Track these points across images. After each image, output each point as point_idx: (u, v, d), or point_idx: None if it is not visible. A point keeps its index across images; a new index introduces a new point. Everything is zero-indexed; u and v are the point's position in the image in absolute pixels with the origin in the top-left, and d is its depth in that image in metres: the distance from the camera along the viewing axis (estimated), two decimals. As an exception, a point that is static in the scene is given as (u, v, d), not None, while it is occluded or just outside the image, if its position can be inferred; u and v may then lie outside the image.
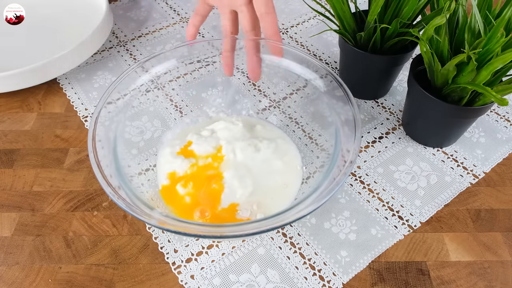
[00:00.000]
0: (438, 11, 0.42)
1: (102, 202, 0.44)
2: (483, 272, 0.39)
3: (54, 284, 0.38)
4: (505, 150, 0.49)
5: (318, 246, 0.41)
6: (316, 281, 0.38)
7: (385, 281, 0.38)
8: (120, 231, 0.42)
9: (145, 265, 0.39)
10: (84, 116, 0.54)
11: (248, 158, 0.42)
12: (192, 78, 0.50)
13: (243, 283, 0.38)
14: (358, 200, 0.44)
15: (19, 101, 0.56)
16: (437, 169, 0.47)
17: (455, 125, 0.46)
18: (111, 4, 0.73)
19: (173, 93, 0.50)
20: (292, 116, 0.49)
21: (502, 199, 0.44)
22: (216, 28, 0.68)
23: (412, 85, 0.45)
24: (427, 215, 0.43)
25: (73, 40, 0.61)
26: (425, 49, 0.40)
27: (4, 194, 0.45)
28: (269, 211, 0.40)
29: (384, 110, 0.54)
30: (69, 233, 0.42)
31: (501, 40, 0.35)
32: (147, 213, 0.32)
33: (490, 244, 0.41)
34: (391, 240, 0.41)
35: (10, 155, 0.49)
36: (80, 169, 0.48)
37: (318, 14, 0.50)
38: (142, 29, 0.68)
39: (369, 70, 0.51)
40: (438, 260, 0.40)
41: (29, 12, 0.63)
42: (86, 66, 0.61)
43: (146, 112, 0.47)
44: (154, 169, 0.44)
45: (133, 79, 0.43)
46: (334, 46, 0.64)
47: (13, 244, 0.41)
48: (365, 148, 0.49)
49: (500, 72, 0.39)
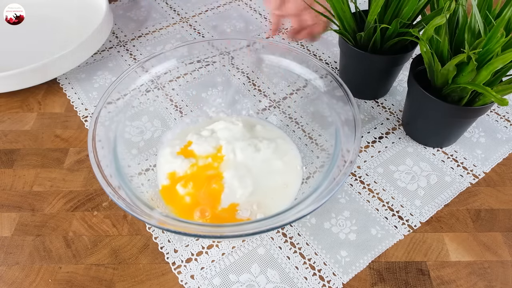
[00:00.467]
0: (438, 11, 0.42)
1: (102, 202, 0.44)
2: (483, 272, 0.39)
3: (54, 284, 0.38)
4: (505, 150, 0.49)
5: (318, 246, 0.41)
6: (316, 281, 0.38)
7: (385, 281, 0.38)
8: (120, 231, 0.42)
9: (145, 265, 0.39)
10: (84, 116, 0.54)
11: (248, 158, 0.42)
12: (192, 78, 0.50)
13: (243, 283, 0.38)
14: (358, 200, 0.44)
15: (19, 101, 0.56)
16: (437, 169, 0.47)
17: (455, 125, 0.46)
18: (111, 4, 0.73)
19: (173, 93, 0.50)
20: (292, 116, 0.49)
21: (502, 199, 0.44)
22: (216, 28, 0.68)
23: (412, 85, 0.45)
24: (427, 215, 0.43)
25: (73, 40, 0.62)
26: (425, 49, 0.40)
27: (4, 194, 0.45)
28: (269, 211, 0.40)
29: (384, 110, 0.54)
30: (69, 233, 0.42)
31: (501, 40, 0.35)
32: (147, 213, 0.32)
33: (490, 244, 0.41)
34: (391, 240, 0.41)
35: (10, 155, 0.49)
36: (80, 169, 0.48)
37: (318, 14, 0.50)
38: (142, 29, 0.68)
39: (369, 70, 0.51)
40: (438, 260, 0.40)
41: (29, 12, 0.63)
42: (86, 66, 0.61)
43: (146, 112, 0.47)
44: (154, 169, 0.44)
45: (133, 79, 0.43)
46: (334, 46, 0.64)
47: (13, 244, 0.41)
48: (365, 148, 0.49)
49: (500, 72, 0.39)
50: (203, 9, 0.72)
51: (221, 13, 0.71)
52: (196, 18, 0.70)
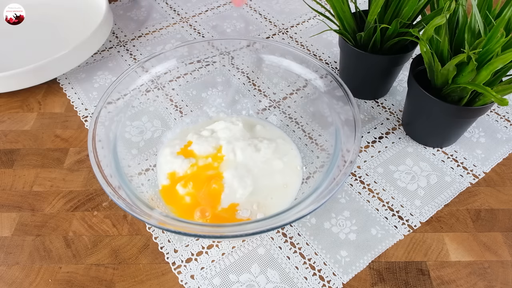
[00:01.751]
0: (438, 11, 0.42)
1: (102, 202, 0.44)
2: (483, 272, 0.39)
3: (54, 284, 0.38)
4: (505, 150, 0.49)
5: (318, 246, 0.41)
6: (316, 281, 0.38)
7: (385, 281, 0.38)
8: (120, 231, 0.42)
9: (145, 265, 0.39)
10: (84, 116, 0.54)
11: (248, 158, 0.42)
12: (192, 78, 0.50)
13: (243, 283, 0.38)
14: (358, 200, 0.44)
15: (19, 101, 0.56)
16: (437, 169, 0.47)
17: (455, 125, 0.46)
18: (111, 4, 0.73)
19: (173, 93, 0.50)
20: (292, 116, 0.49)
21: (502, 199, 0.44)
22: (216, 28, 0.68)
23: (412, 85, 0.45)
24: (427, 215, 0.43)
25: (73, 40, 0.62)
26: (425, 49, 0.40)
27: (4, 194, 0.45)
28: (269, 211, 0.40)
29: (384, 110, 0.54)
30: (69, 233, 0.42)
31: (501, 40, 0.35)
32: (147, 213, 0.32)
33: (490, 244, 0.41)
34: (391, 240, 0.41)
35: (10, 155, 0.49)
36: (80, 169, 0.48)
37: (318, 14, 0.50)
38: (142, 29, 0.68)
39: (369, 70, 0.51)
40: (438, 260, 0.40)
41: (29, 12, 0.63)
42: (86, 66, 0.61)
43: (146, 112, 0.47)
44: (154, 169, 0.44)
45: (133, 79, 0.43)
46: (334, 46, 0.64)
47: (13, 244, 0.41)
48: (365, 148, 0.49)
49: (500, 72, 0.39)
50: (203, 9, 0.72)
51: (221, 13, 0.71)
52: (196, 18, 0.70)
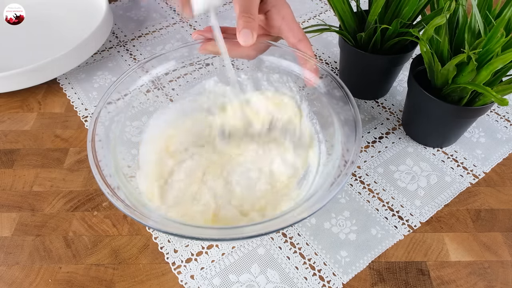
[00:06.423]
0: (438, 11, 0.42)
1: (102, 202, 0.44)
2: (483, 272, 0.39)
3: (54, 284, 0.38)
4: (505, 150, 0.49)
5: (318, 246, 0.41)
6: (316, 281, 0.38)
7: (385, 281, 0.38)
8: (120, 231, 0.42)
9: (145, 265, 0.39)
10: (84, 116, 0.54)
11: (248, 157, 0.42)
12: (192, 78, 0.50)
13: (243, 283, 0.38)
14: (358, 200, 0.44)
15: (19, 101, 0.56)
16: (437, 169, 0.47)
17: (455, 125, 0.46)
18: (111, 4, 0.73)
19: (173, 93, 0.50)
20: (292, 116, 0.49)
21: (502, 199, 0.44)
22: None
23: (412, 85, 0.45)
24: (427, 215, 0.43)
25: (73, 40, 0.61)
26: (425, 49, 0.40)
27: (4, 194, 0.45)
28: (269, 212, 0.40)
29: (384, 110, 0.54)
30: (69, 233, 0.42)
31: (501, 40, 0.35)
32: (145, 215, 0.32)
33: (490, 244, 0.41)
34: (391, 240, 0.41)
35: (10, 155, 0.49)
36: (80, 169, 0.48)
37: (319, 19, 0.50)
38: (142, 29, 0.68)
39: (369, 70, 0.51)
40: (438, 260, 0.40)
41: (29, 12, 0.63)
42: (86, 66, 0.61)
43: (146, 112, 0.47)
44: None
45: (134, 79, 0.43)
46: (334, 46, 0.64)
47: (13, 244, 0.41)
48: (365, 148, 0.49)
49: (500, 72, 0.39)
50: (203, 9, 0.72)
51: (221, 13, 0.71)
52: (196, 18, 0.70)
